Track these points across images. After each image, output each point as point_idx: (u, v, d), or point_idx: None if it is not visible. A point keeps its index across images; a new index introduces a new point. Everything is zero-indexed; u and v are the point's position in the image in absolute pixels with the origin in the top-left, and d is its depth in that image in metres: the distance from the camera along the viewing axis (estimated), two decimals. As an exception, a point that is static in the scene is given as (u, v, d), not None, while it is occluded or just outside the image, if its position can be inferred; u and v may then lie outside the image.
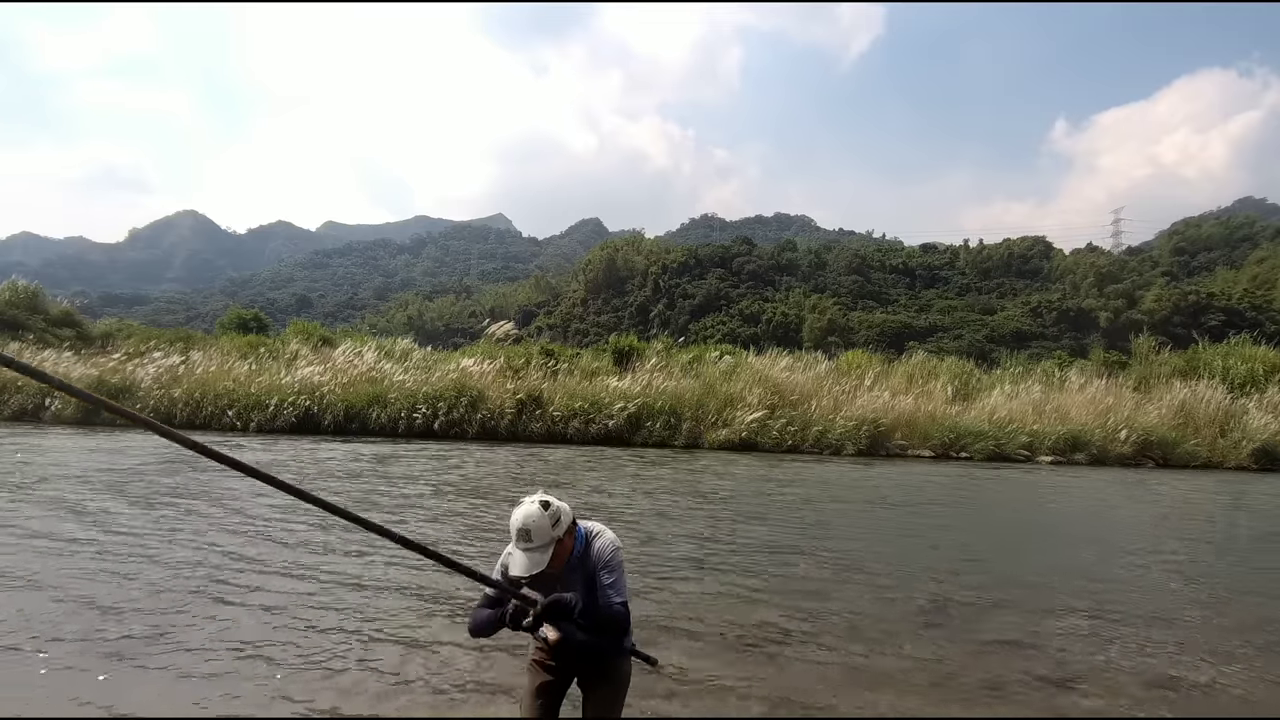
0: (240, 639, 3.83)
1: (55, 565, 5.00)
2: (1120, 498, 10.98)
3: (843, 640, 4.15)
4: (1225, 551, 7.26)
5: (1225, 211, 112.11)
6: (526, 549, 2.17)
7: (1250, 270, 67.64)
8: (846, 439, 14.72)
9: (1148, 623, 4.68)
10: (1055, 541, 7.47)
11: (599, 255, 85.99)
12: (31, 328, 20.84)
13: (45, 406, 15.96)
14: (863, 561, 6.00)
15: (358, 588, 4.79)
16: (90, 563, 5.09)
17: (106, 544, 5.59)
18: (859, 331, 58.15)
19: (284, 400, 15.13)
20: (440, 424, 14.99)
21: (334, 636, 3.92)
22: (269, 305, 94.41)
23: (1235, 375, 18.62)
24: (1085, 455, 15.01)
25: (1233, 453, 15.44)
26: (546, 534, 2.17)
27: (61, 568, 4.95)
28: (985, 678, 3.71)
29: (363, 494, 8.14)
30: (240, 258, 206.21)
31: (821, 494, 9.90)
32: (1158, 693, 3.62)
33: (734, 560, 5.85)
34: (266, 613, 4.23)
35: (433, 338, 60.45)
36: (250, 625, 4.04)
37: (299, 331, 21.45)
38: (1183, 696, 3.60)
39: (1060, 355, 30.62)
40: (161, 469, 9.48)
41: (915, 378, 18.05)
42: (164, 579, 4.78)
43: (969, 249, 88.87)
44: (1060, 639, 4.32)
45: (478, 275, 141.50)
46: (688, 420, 15.35)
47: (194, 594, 4.50)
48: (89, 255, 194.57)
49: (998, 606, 4.93)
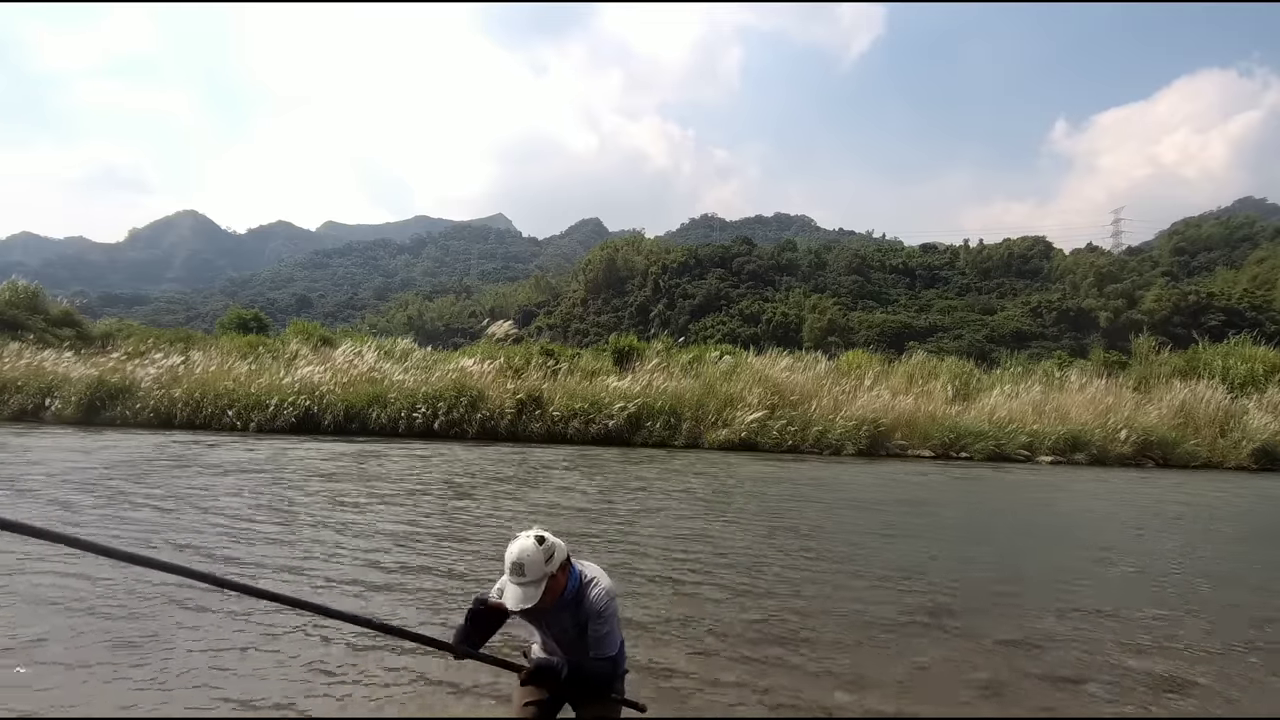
0: (220, 639, 3.83)
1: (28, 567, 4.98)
2: (1120, 497, 10.98)
3: (842, 640, 4.15)
4: (1225, 551, 7.25)
5: (1225, 211, 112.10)
6: (520, 583, 2.18)
7: (1250, 270, 67.66)
8: (846, 439, 14.72)
9: (1149, 622, 4.67)
10: (1055, 541, 7.47)
11: (599, 255, 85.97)
12: (31, 328, 20.86)
13: (45, 407, 15.97)
14: (862, 561, 6.00)
15: (331, 584, 4.79)
16: (61, 564, 5.07)
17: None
18: (859, 331, 58.15)
19: (284, 400, 15.13)
20: (440, 424, 14.99)
21: (319, 637, 3.91)
22: (269, 305, 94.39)
23: (1235, 375, 18.63)
24: (1085, 455, 15.01)
25: (1233, 453, 15.44)
26: (540, 569, 2.17)
27: (34, 569, 4.93)
28: (985, 678, 3.71)
29: (331, 495, 8.14)
30: (240, 258, 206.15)
31: (816, 493, 9.90)
32: (1159, 693, 3.62)
33: (723, 560, 5.85)
34: (242, 616, 4.23)
35: (433, 338, 60.47)
36: (232, 626, 4.04)
37: (299, 331, 21.47)
38: (1183, 697, 3.59)
39: (1060, 355, 30.68)
40: (148, 468, 9.48)
41: (915, 378, 18.06)
42: (136, 580, 4.77)
43: (969, 249, 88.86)
44: (1060, 639, 4.32)
45: (478, 275, 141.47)
46: (688, 420, 15.35)
47: (168, 599, 4.49)
48: (89, 255, 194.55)
49: (998, 606, 4.93)
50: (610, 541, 6.29)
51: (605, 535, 6.54)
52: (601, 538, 6.43)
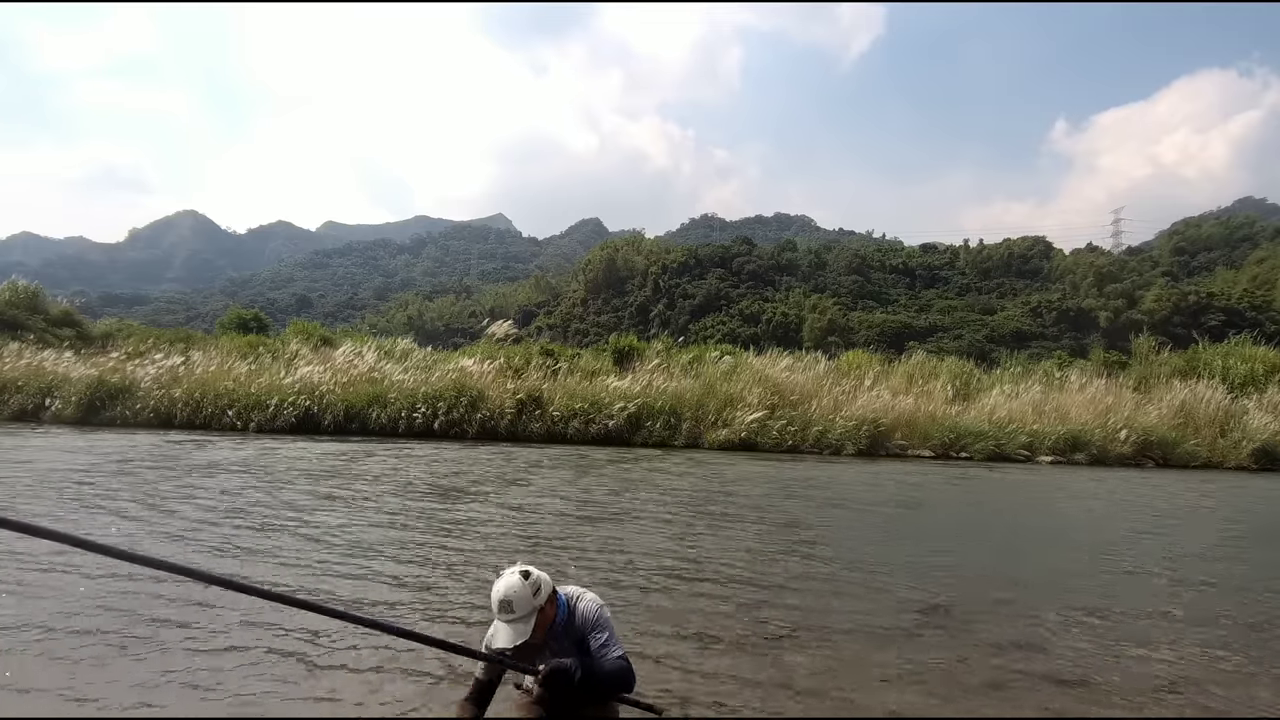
0: (211, 640, 3.83)
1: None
2: (1120, 498, 10.98)
3: (841, 640, 4.15)
4: (1225, 551, 7.25)
5: (1225, 211, 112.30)
6: (509, 620, 2.19)
7: (1250, 270, 67.74)
8: (846, 439, 14.72)
9: (1149, 622, 4.67)
10: (1054, 541, 7.46)
11: (599, 255, 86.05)
12: (31, 328, 20.87)
13: (45, 407, 15.97)
14: (860, 560, 6.00)
15: (333, 575, 4.79)
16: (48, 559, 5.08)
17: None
18: (859, 331, 58.20)
19: (284, 400, 15.13)
20: (440, 424, 14.99)
21: (314, 636, 3.91)
22: (269, 305, 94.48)
23: (1235, 375, 18.63)
24: (1085, 455, 15.01)
25: (1232, 453, 15.44)
26: (528, 604, 2.19)
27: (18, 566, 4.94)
28: (985, 678, 3.71)
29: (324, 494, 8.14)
30: (240, 258, 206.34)
31: (815, 492, 9.90)
32: (1158, 692, 3.62)
33: (719, 560, 5.85)
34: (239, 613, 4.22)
35: (433, 338, 60.54)
36: (226, 625, 4.04)
37: (299, 331, 21.47)
38: (1183, 696, 3.59)
39: (1060, 355, 30.72)
40: (141, 467, 9.48)
41: (915, 378, 18.06)
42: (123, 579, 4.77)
43: (969, 249, 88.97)
44: (1060, 639, 4.32)
45: (478, 275, 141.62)
46: (688, 420, 15.35)
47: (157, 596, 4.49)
48: (89, 255, 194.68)
49: (998, 606, 4.92)
50: (601, 539, 6.29)
51: (594, 535, 6.54)
52: (591, 536, 6.42)
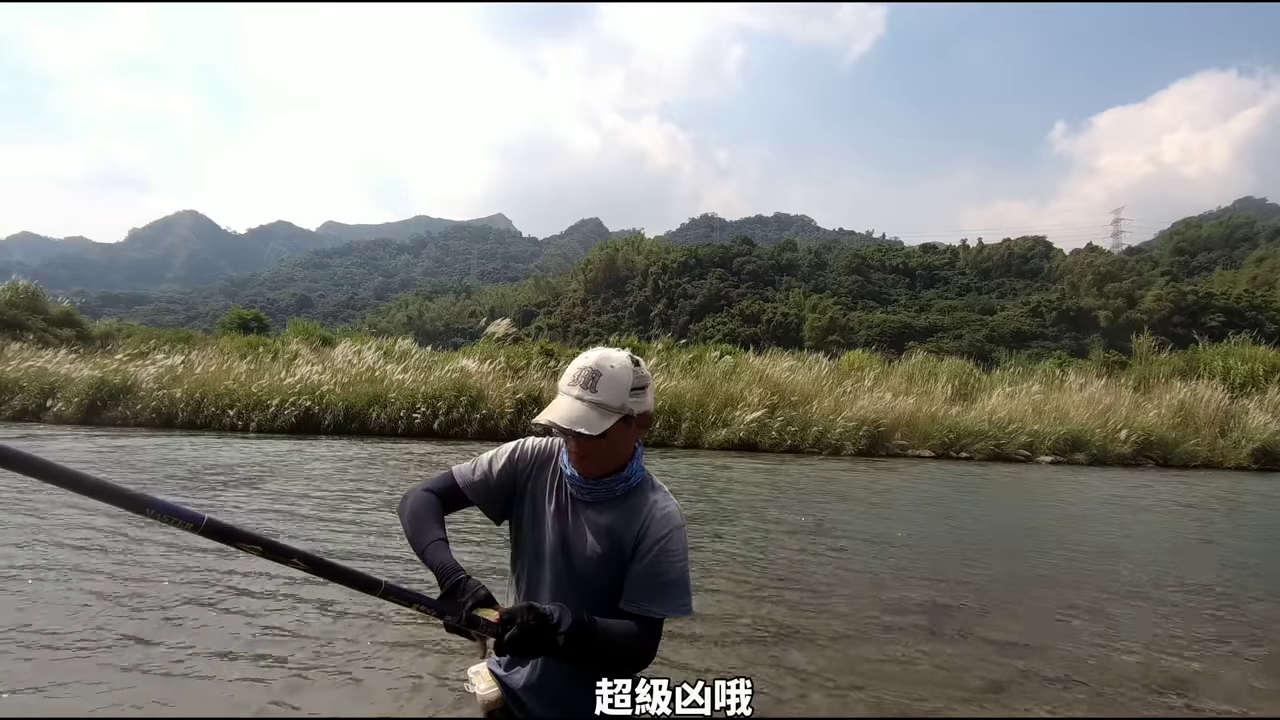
0: (206, 639, 3.83)
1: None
2: (1119, 497, 10.98)
3: (841, 640, 4.16)
4: (1224, 550, 7.26)
5: (1225, 212, 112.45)
6: (584, 399, 1.45)
7: (1250, 270, 67.76)
8: (846, 439, 14.72)
9: (1148, 622, 4.68)
10: (1054, 541, 7.47)
11: (599, 255, 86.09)
12: (31, 328, 20.85)
13: (46, 407, 15.97)
14: (860, 560, 6.01)
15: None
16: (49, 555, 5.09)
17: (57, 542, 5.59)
18: (859, 331, 58.22)
19: (284, 400, 15.13)
20: (440, 424, 15.00)
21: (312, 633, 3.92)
22: (269, 305, 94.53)
23: (1235, 375, 18.61)
24: (1085, 455, 15.00)
25: (1232, 453, 15.43)
26: (621, 395, 1.45)
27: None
28: (985, 678, 3.71)
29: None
30: (240, 258, 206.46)
31: (813, 492, 9.90)
32: (1158, 692, 3.63)
33: (717, 559, 5.85)
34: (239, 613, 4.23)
35: (433, 338, 60.54)
36: (223, 625, 4.04)
37: (299, 331, 21.45)
38: (1184, 697, 3.60)
39: (1060, 355, 30.71)
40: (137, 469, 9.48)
41: (915, 378, 18.05)
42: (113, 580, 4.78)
43: (969, 249, 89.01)
44: (1060, 639, 4.32)
45: (478, 275, 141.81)
46: (687, 420, 15.35)
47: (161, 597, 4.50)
48: (89, 255, 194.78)
49: (998, 606, 4.93)
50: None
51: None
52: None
